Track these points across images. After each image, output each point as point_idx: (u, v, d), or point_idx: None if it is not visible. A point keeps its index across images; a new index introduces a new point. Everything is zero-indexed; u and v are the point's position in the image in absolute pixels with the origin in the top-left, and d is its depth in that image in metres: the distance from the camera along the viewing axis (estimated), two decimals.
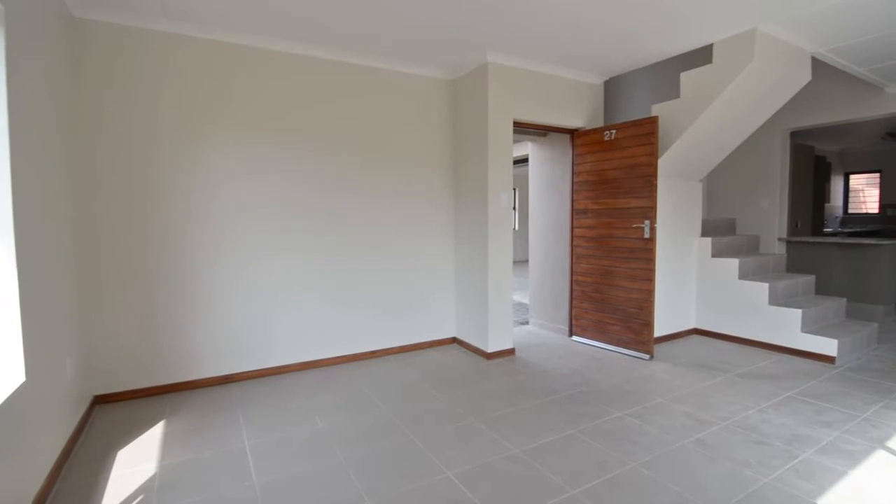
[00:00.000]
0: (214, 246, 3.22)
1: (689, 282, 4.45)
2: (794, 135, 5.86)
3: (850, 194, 9.30)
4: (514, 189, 11.56)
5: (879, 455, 2.24)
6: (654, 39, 3.38)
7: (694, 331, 4.51)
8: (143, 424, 2.66)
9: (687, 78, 3.69)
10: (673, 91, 3.87)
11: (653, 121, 3.66)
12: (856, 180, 9.22)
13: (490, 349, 3.79)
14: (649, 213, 3.69)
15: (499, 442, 2.40)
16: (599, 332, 4.14)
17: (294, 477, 2.11)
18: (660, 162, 3.85)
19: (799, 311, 3.77)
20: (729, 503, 1.88)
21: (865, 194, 9.12)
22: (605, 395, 3.02)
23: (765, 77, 3.44)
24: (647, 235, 3.71)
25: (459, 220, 4.12)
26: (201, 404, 2.94)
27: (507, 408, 2.83)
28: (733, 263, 4.19)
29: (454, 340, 4.25)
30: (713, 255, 4.37)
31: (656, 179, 3.67)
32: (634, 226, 3.79)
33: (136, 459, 2.28)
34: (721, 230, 5.05)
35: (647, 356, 3.76)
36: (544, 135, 4.65)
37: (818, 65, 4.04)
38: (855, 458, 2.21)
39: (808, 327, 3.81)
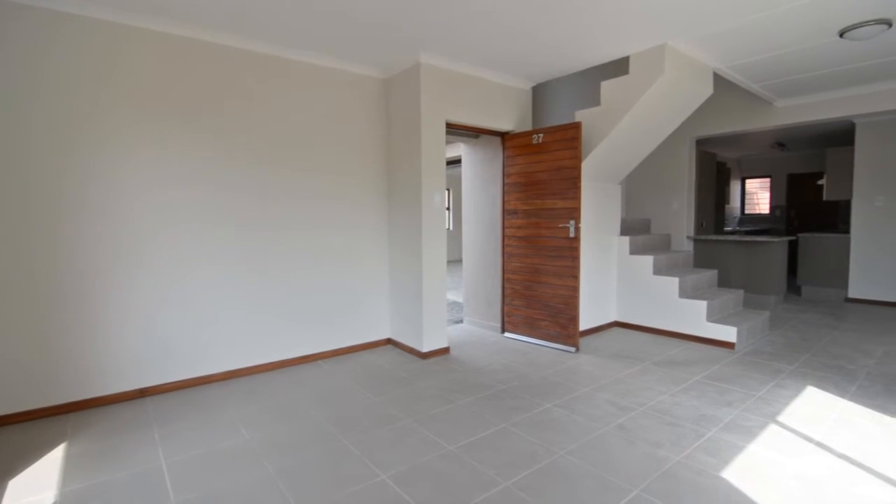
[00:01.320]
0: (127, 250, 2.95)
1: (610, 278, 4.75)
2: (700, 142, 6.45)
3: (746, 197, 10.39)
4: (448, 190, 11.69)
5: (771, 429, 2.52)
6: (577, 49, 3.57)
7: (615, 323, 4.82)
8: (40, 449, 2.38)
9: (607, 87, 3.93)
10: (595, 98, 4.10)
11: (576, 126, 3.86)
12: (751, 184, 10.32)
13: (425, 349, 3.81)
14: (574, 213, 3.89)
15: (434, 440, 2.42)
16: (530, 328, 4.30)
17: (218, 494, 1.99)
18: (583, 165, 4.07)
19: (704, 303, 4.15)
20: (645, 482, 2.03)
21: (759, 197, 10.24)
22: (535, 388, 3.14)
23: (674, 89, 3.75)
24: (572, 235, 3.90)
25: (393, 220, 4.10)
26: (111, 422, 2.69)
27: (441, 406, 2.86)
28: (648, 260, 4.53)
29: (389, 341, 4.22)
30: (631, 253, 4.69)
31: (580, 182, 3.87)
32: (561, 225, 3.98)
33: (32, 488, 2.04)
34: (637, 229, 5.43)
35: (573, 349, 3.96)
36: (476, 137, 4.75)
37: (720, 80, 4.48)
38: (752, 433, 2.47)
39: (713, 317, 4.21)
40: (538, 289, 4.21)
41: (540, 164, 4.14)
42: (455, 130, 4.30)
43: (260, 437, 2.49)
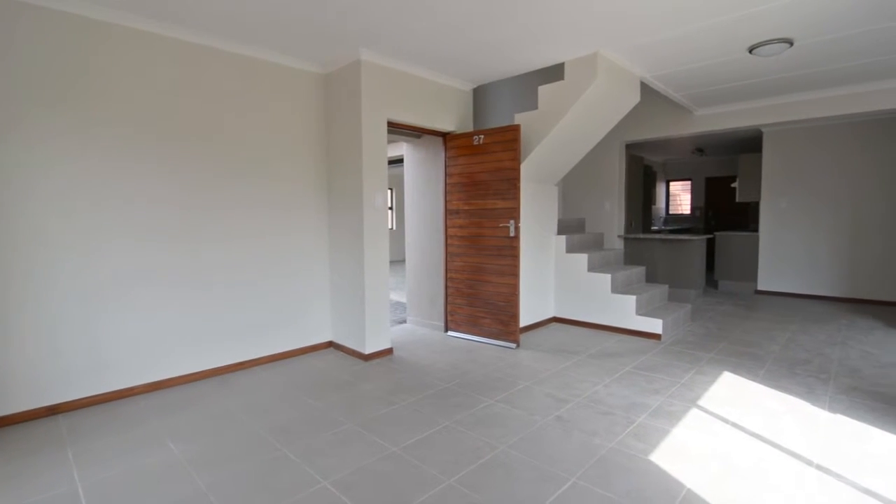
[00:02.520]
0: (31, 257, 2.66)
1: (549, 275, 4.92)
2: (629, 147, 6.83)
3: (671, 198, 11.16)
4: (391, 189, 11.60)
5: (693, 412, 2.73)
6: (516, 53, 3.67)
7: (553, 319, 5.00)
8: None
9: (544, 91, 4.06)
10: (533, 102, 4.23)
11: (516, 129, 3.96)
12: (674, 186, 11.09)
13: (368, 350, 3.75)
14: (514, 213, 3.99)
15: (377, 443, 2.39)
16: (472, 326, 4.36)
17: None
18: (522, 166, 4.19)
19: (634, 298, 4.41)
20: (582, 469, 2.12)
21: (681, 198, 11.03)
22: (478, 384, 3.20)
23: (605, 95, 3.94)
24: (512, 234, 4.01)
25: (334, 220, 4.00)
26: (16, 444, 2.42)
27: (385, 408, 2.83)
28: (583, 258, 4.74)
29: (330, 344, 4.12)
30: (567, 251, 4.89)
31: (520, 182, 3.98)
32: (501, 225, 4.07)
33: None
34: (573, 229, 5.68)
35: (514, 345, 4.07)
36: (418, 136, 4.74)
37: (647, 88, 4.76)
38: (676, 418, 2.66)
39: (641, 310, 4.48)
40: (480, 287, 4.28)
41: (481, 164, 4.21)
42: (397, 129, 4.27)
43: (189, 450, 2.35)
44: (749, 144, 7.97)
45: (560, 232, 5.17)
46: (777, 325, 4.77)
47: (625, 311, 4.47)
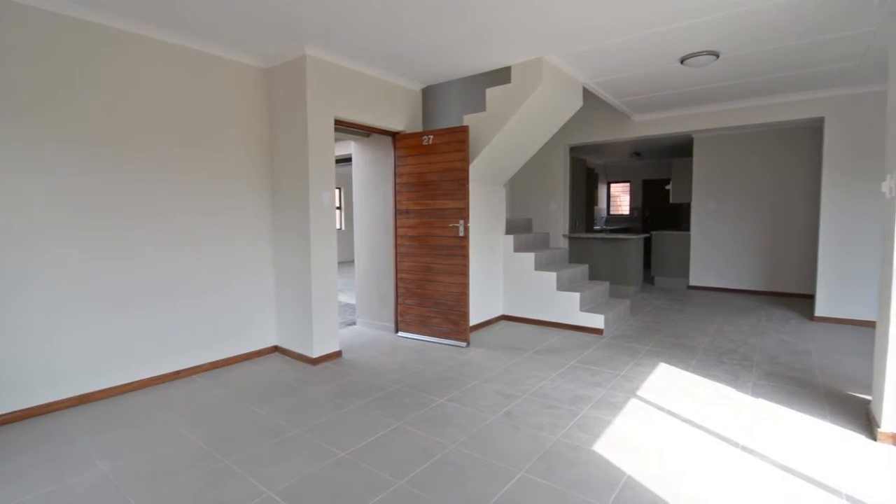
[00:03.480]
0: None
1: (497, 274, 5.02)
2: (572, 149, 7.09)
3: (611, 199, 11.70)
4: (339, 188, 11.37)
5: (632, 402, 2.87)
6: (465, 55, 3.70)
7: (502, 317, 5.10)
8: None
9: (491, 94, 4.13)
10: (481, 104, 4.29)
11: (464, 130, 4.01)
12: (614, 188, 11.63)
13: (315, 354, 3.66)
14: (463, 213, 4.04)
15: (325, 448, 2.34)
16: (423, 326, 4.36)
17: None
18: (471, 167, 4.24)
19: (578, 295, 4.58)
20: (529, 462, 2.18)
21: (621, 199, 11.58)
22: (429, 384, 3.20)
23: (550, 99, 4.07)
24: (461, 234, 4.05)
25: (279, 220, 3.87)
26: None
27: (333, 412, 2.77)
28: (531, 257, 4.87)
29: (276, 349, 3.98)
30: (515, 251, 5.00)
31: (469, 183, 4.03)
32: (451, 225, 4.10)
33: None
34: (521, 229, 5.82)
35: (464, 344, 4.11)
36: (367, 135, 4.68)
37: (589, 94, 4.96)
38: (617, 408, 2.79)
39: (585, 307, 4.66)
40: (430, 287, 4.29)
41: (430, 164, 4.22)
42: (345, 128, 4.19)
43: (121, 466, 2.19)
44: (681, 149, 8.49)
45: (508, 232, 5.28)
46: (706, 317, 5.12)
47: (569, 307, 4.63)
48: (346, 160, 7.04)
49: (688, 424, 2.57)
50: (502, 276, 5.07)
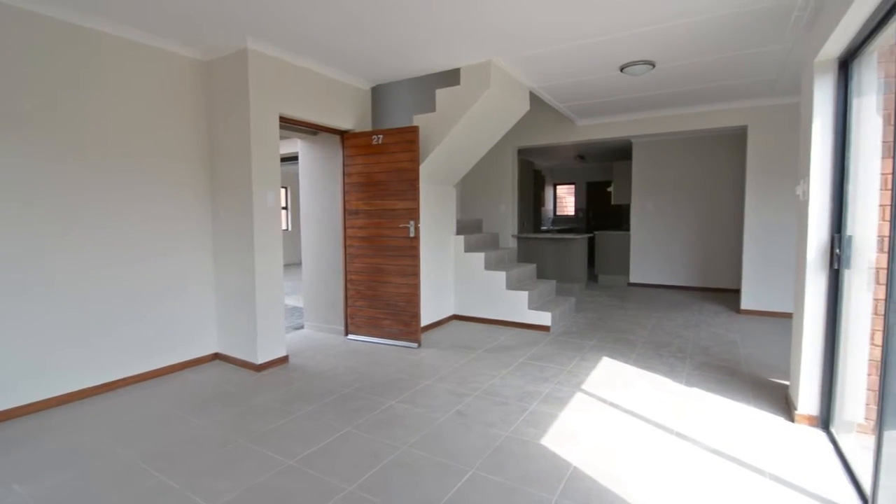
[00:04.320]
0: None
1: (448, 274, 5.05)
2: (520, 152, 7.26)
3: (558, 200, 12.08)
4: (285, 188, 11.01)
5: (578, 396, 2.98)
6: (414, 55, 3.69)
7: (453, 317, 5.14)
8: None
9: (441, 95, 4.15)
10: (431, 105, 4.29)
11: (414, 130, 4.00)
12: (560, 190, 12.03)
13: (260, 360, 3.52)
14: (414, 213, 4.03)
15: (270, 457, 2.25)
16: (373, 328, 4.31)
17: None
18: (421, 168, 4.23)
19: (526, 293, 4.70)
20: (480, 459, 2.21)
21: (566, 201, 11.99)
22: (379, 387, 3.17)
23: (498, 102, 4.14)
24: (412, 234, 4.03)
25: (219, 220, 3.69)
26: None
27: (279, 420, 2.68)
28: (481, 257, 4.94)
29: (217, 356, 3.79)
30: (466, 251, 5.05)
31: (419, 183, 4.02)
32: (401, 225, 4.08)
33: None
34: (471, 229, 5.88)
35: (415, 344, 4.10)
36: (315, 133, 4.57)
37: (536, 98, 5.09)
38: (564, 403, 2.88)
39: (533, 305, 4.79)
40: (381, 288, 4.24)
41: (380, 164, 4.18)
42: (291, 125, 4.07)
43: (44, 490, 2.00)
44: (622, 153, 8.91)
45: (459, 232, 5.32)
46: (645, 313, 5.41)
47: (518, 306, 4.74)
48: (292, 158, 6.83)
49: (629, 415, 2.70)
50: (453, 276, 5.11)
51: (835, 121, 2.44)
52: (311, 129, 4.39)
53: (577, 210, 11.65)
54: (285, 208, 11.19)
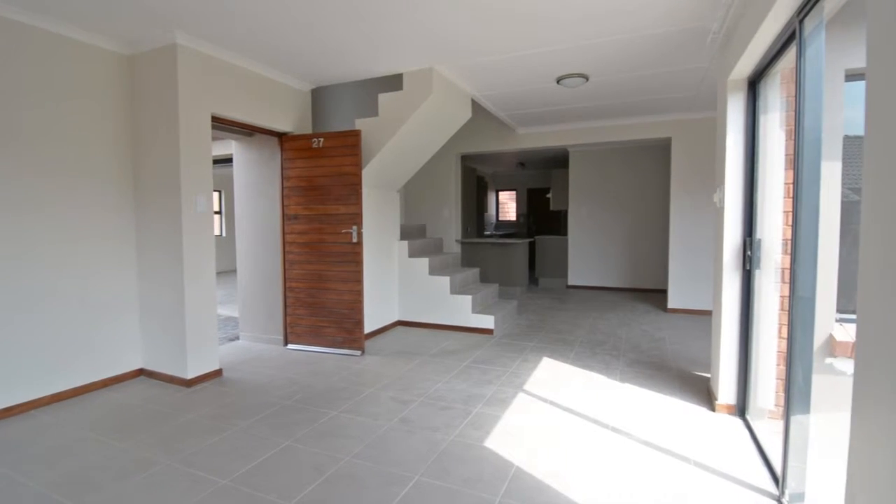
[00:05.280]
0: None
1: (392, 280, 5.00)
2: (464, 158, 7.35)
3: (500, 206, 12.36)
4: (219, 192, 10.46)
5: (520, 397, 3.04)
6: (356, 58, 3.64)
7: (398, 323, 5.09)
8: None
9: (384, 99, 4.13)
10: (373, 109, 4.25)
11: (356, 134, 3.94)
12: (503, 195, 12.31)
13: (190, 375, 3.30)
14: (356, 219, 3.96)
15: (202, 478, 2.12)
16: (315, 337, 4.18)
17: None
18: (364, 172, 4.18)
19: (470, 297, 4.75)
20: (425, 465, 2.19)
21: (508, 206, 12.29)
22: (321, 397, 3.07)
23: (441, 108, 4.18)
24: (354, 240, 3.96)
25: (144, 225, 3.43)
26: None
27: (211, 437, 2.52)
28: (425, 262, 4.94)
29: (141, 372, 3.51)
30: (410, 256, 5.04)
31: (361, 188, 3.97)
32: (343, 231, 4.00)
33: None
34: (415, 234, 5.88)
35: (359, 352, 4.02)
36: (251, 135, 4.38)
37: (478, 106, 5.18)
38: (507, 404, 2.93)
39: (476, 308, 4.85)
40: (322, 296, 4.13)
41: (321, 168, 4.07)
42: (225, 126, 3.87)
43: None
44: (560, 161, 9.27)
45: (403, 237, 5.30)
46: (582, 313, 5.64)
47: (462, 310, 4.79)
48: (226, 161, 6.50)
49: (568, 412, 2.80)
50: (397, 281, 5.07)
51: (745, 135, 2.69)
52: (246, 131, 4.21)
53: (518, 215, 11.97)
54: (218, 213, 10.62)
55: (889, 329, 0.98)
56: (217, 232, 10.60)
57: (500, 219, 12.34)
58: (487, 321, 4.68)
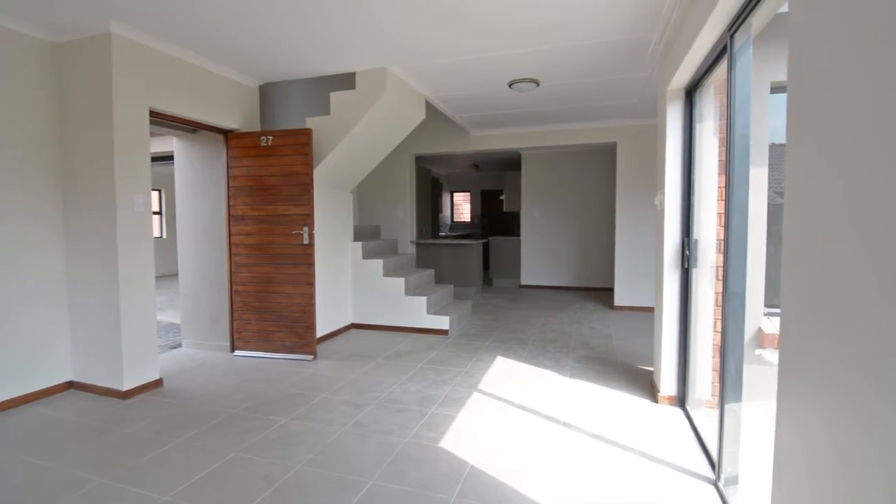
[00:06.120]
0: None
1: (346, 282, 4.92)
2: (418, 159, 7.35)
3: (454, 207, 12.44)
4: (159, 191, 9.89)
5: (475, 396, 3.07)
6: (307, 55, 3.55)
7: (352, 325, 5.01)
8: None
9: (336, 98, 4.05)
10: (325, 108, 4.16)
11: (307, 132, 3.84)
12: (457, 197, 12.40)
13: (127, 386, 3.10)
14: (308, 220, 3.86)
15: (141, 495, 1.99)
16: (264, 342, 4.03)
17: None
18: (315, 172, 4.08)
19: (425, 298, 4.75)
20: (380, 469, 2.17)
21: (462, 207, 12.40)
22: (271, 404, 2.97)
23: (394, 109, 4.15)
24: (306, 241, 3.86)
25: (74, 226, 3.18)
26: None
27: (151, 451, 2.38)
28: (379, 264, 4.89)
29: (70, 385, 3.25)
30: (364, 258, 4.97)
31: (313, 188, 3.87)
32: (294, 232, 3.89)
33: None
34: (369, 235, 5.81)
35: (311, 357, 3.92)
36: (194, 131, 4.16)
37: (432, 107, 5.19)
38: (461, 404, 2.95)
39: (431, 309, 4.86)
40: (272, 299, 3.99)
41: (270, 167, 3.94)
42: (165, 121, 3.66)
43: None
44: (513, 163, 9.46)
45: (356, 238, 5.22)
46: (535, 312, 5.78)
47: (417, 311, 4.78)
48: (167, 158, 6.15)
49: (521, 409, 2.86)
50: (351, 283, 4.99)
51: (683, 141, 2.85)
52: (189, 127, 4.00)
53: (472, 216, 12.10)
54: (158, 213, 10.04)
55: (808, 321, 1.07)
56: (157, 233, 10.01)
57: (455, 220, 12.42)
58: (443, 322, 4.70)
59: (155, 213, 9.77)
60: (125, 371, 3.09)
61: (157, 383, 3.30)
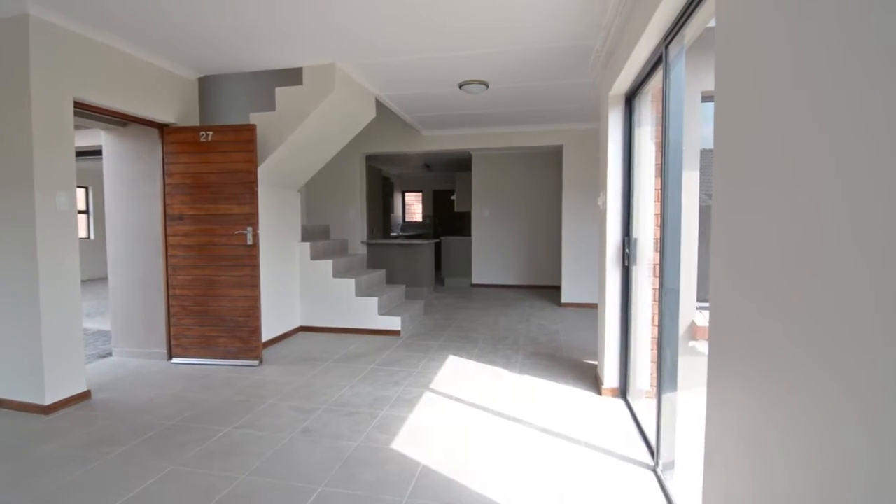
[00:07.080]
0: None
1: (293, 284, 4.77)
2: (369, 158, 7.25)
3: (406, 207, 12.39)
4: (86, 188, 9.17)
5: (426, 396, 3.07)
6: (247, 48, 3.40)
7: (300, 328, 4.87)
8: None
9: (282, 94, 3.91)
10: (270, 103, 4.02)
11: (251, 128, 3.70)
12: (409, 197, 12.36)
13: (49, 400, 2.84)
14: (252, 219, 3.71)
15: None
16: (205, 348, 3.84)
17: None
18: (260, 170, 3.92)
19: (376, 299, 4.70)
20: (329, 475, 2.12)
21: (414, 207, 12.37)
22: (213, 414, 2.83)
23: (343, 106, 4.07)
24: (250, 242, 3.71)
25: None
26: None
27: (77, 469, 2.20)
28: (328, 264, 4.79)
29: None
30: (312, 258, 4.84)
31: (257, 187, 3.73)
32: (237, 232, 3.72)
33: None
34: (318, 235, 5.66)
35: (256, 362, 3.77)
36: (124, 125, 3.89)
37: (383, 106, 5.14)
38: (413, 404, 2.94)
39: (383, 310, 4.81)
40: (213, 303, 3.80)
41: (210, 164, 3.75)
42: (93, 113, 3.39)
43: None
44: (463, 164, 9.55)
45: (304, 239, 5.08)
46: (485, 311, 5.86)
47: (368, 312, 4.71)
48: (94, 153, 5.71)
49: (472, 407, 2.89)
50: (299, 285, 4.85)
51: (623, 145, 2.99)
52: (119, 120, 3.73)
53: (424, 216, 12.10)
54: (85, 212, 9.31)
55: (733, 314, 1.16)
56: (83, 234, 9.28)
57: (407, 220, 12.37)
58: (394, 322, 4.66)
59: (81, 212, 9.04)
60: (47, 384, 2.83)
61: (85, 395, 3.06)
